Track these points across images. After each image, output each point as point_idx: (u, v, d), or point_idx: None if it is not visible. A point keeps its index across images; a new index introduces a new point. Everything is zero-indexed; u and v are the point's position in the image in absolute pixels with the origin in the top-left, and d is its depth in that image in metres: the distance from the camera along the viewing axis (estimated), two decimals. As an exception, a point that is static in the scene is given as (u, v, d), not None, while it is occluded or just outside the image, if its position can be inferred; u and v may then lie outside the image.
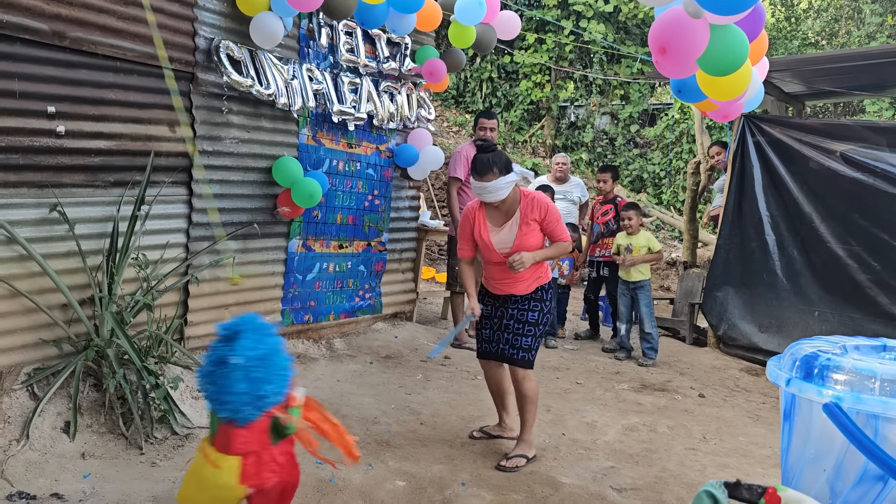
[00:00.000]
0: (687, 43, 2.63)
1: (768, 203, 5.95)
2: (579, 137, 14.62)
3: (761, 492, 1.04)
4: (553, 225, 3.64)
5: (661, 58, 2.71)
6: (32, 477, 3.00)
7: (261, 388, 2.28)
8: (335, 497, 3.08)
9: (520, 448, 3.64)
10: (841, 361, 1.33)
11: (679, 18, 2.63)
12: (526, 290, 3.66)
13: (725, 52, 2.67)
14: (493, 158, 3.50)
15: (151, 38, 3.97)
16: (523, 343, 3.63)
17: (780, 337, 5.86)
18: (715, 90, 3.08)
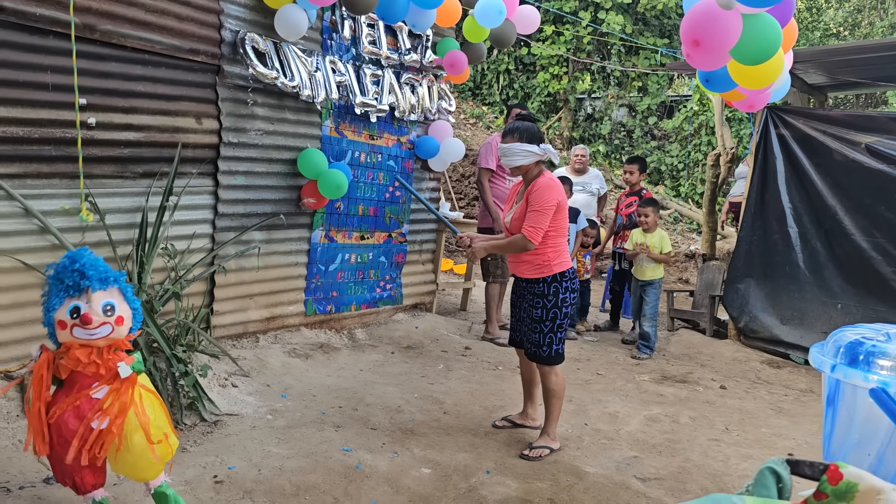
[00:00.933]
0: (720, 34, 2.62)
1: (791, 195, 5.91)
2: (597, 129, 14.56)
3: (823, 468, 1.06)
4: (528, 211, 3.51)
5: (694, 50, 2.70)
6: (67, 461, 3.06)
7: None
8: (362, 483, 3.13)
9: (543, 439, 3.67)
10: (886, 348, 1.34)
11: (711, 10, 2.62)
12: (525, 274, 3.65)
13: (759, 40, 2.66)
14: (519, 125, 3.59)
15: (179, 30, 4.03)
16: (533, 338, 3.65)
17: (803, 329, 5.84)
18: (747, 79, 3.06)
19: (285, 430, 3.62)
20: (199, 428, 3.53)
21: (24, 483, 2.82)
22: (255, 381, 4.20)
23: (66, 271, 2.38)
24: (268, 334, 4.88)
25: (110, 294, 2.43)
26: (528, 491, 3.19)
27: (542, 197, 3.51)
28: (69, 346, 2.38)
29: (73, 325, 2.34)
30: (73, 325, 2.34)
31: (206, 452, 3.29)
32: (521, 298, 3.74)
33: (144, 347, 3.57)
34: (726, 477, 3.49)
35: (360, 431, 3.71)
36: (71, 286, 2.36)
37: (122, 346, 2.49)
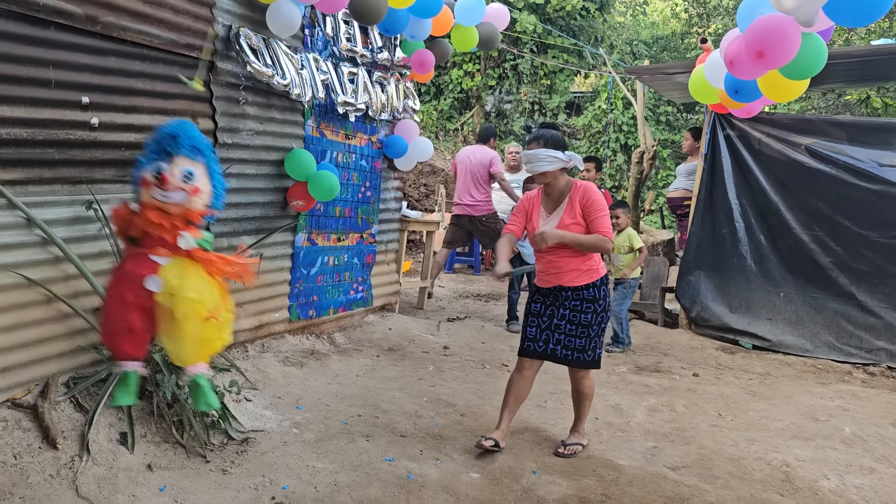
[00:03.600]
0: (785, 49, 2.78)
1: (738, 192, 6.33)
2: (509, 126, 14.87)
3: None
4: (594, 215, 3.54)
5: (756, 62, 2.86)
6: (108, 493, 2.82)
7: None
8: (421, 493, 3.09)
9: (575, 437, 3.76)
10: None
11: (784, 25, 2.78)
12: (573, 283, 3.60)
13: (810, 58, 2.85)
14: (545, 133, 3.61)
15: (176, 24, 3.78)
16: (577, 344, 3.60)
17: (750, 317, 6.28)
18: (778, 92, 3.27)
19: (317, 443, 3.50)
20: (229, 448, 3.35)
21: (86, 521, 2.58)
22: (265, 393, 4.02)
23: (165, 135, 2.54)
24: (255, 343, 4.68)
25: (195, 165, 2.57)
26: (579, 488, 3.26)
27: (599, 200, 3.58)
28: (146, 204, 2.54)
29: (154, 184, 2.50)
30: (153, 184, 2.51)
31: (249, 473, 3.13)
32: (554, 307, 3.65)
33: (163, 365, 3.34)
34: (743, 460, 3.72)
35: (392, 440, 3.65)
36: (163, 149, 2.53)
37: (195, 219, 2.61)
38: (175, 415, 3.35)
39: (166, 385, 3.27)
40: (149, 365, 3.39)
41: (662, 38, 17.13)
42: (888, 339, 5.76)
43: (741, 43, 2.93)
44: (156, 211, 2.53)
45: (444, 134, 14.38)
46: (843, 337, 5.92)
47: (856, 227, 5.83)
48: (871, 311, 5.83)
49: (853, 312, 5.90)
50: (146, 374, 2.71)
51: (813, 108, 13.00)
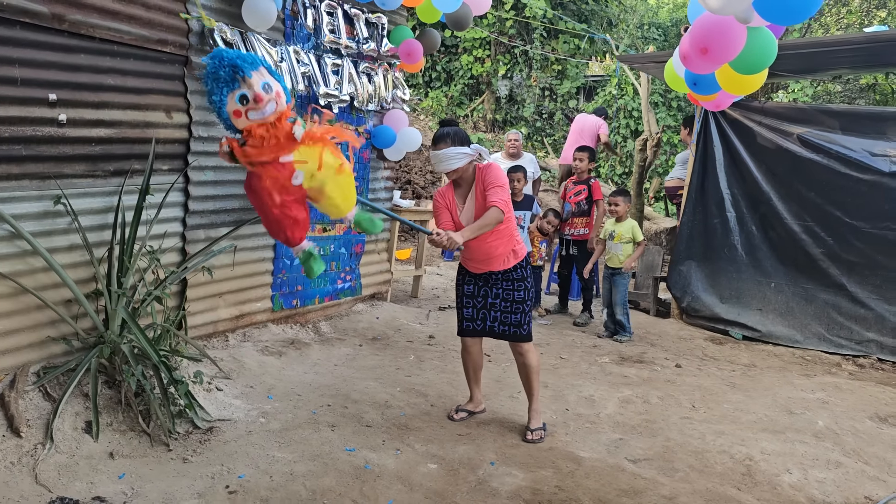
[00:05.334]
0: (728, 45, 2.77)
1: (729, 182, 6.28)
2: (518, 112, 14.80)
3: None
4: (488, 190, 3.65)
5: (701, 58, 2.85)
6: (67, 481, 2.92)
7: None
8: (375, 483, 3.15)
9: (535, 419, 3.84)
10: None
11: (725, 22, 2.76)
12: (504, 266, 3.76)
13: (759, 53, 2.83)
14: (449, 131, 3.70)
15: (147, 20, 3.84)
16: (513, 320, 3.79)
17: (740, 307, 6.25)
18: (735, 86, 3.25)
19: (282, 433, 3.58)
20: (194, 436, 3.44)
21: (37, 508, 2.69)
22: (237, 382, 4.11)
23: (220, 68, 2.66)
24: (236, 332, 4.77)
25: (262, 74, 2.71)
26: (535, 479, 3.30)
27: (497, 174, 3.67)
28: (248, 129, 2.72)
29: (247, 109, 2.68)
30: (246, 109, 2.68)
31: (209, 462, 3.22)
32: (487, 287, 3.81)
33: (129, 355, 3.43)
34: (707, 453, 3.73)
35: (357, 430, 3.71)
36: (229, 79, 2.66)
37: (289, 114, 2.80)
38: (143, 404, 3.44)
39: (131, 376, 3.35)
40: (117, 356, 3.50)
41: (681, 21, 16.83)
42: (878, 330, 5.70)
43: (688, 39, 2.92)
44: (262, 128, 2.70)
45: (453, 120, 14.36)
46: (833, 328, 5.86)
47: (847, 218, 5.76)
48: (862, 303, 5.77)
49: (844, 303, 5.84)
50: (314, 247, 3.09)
51: (828, 92, 12.76)
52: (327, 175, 2.86)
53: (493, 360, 5.18)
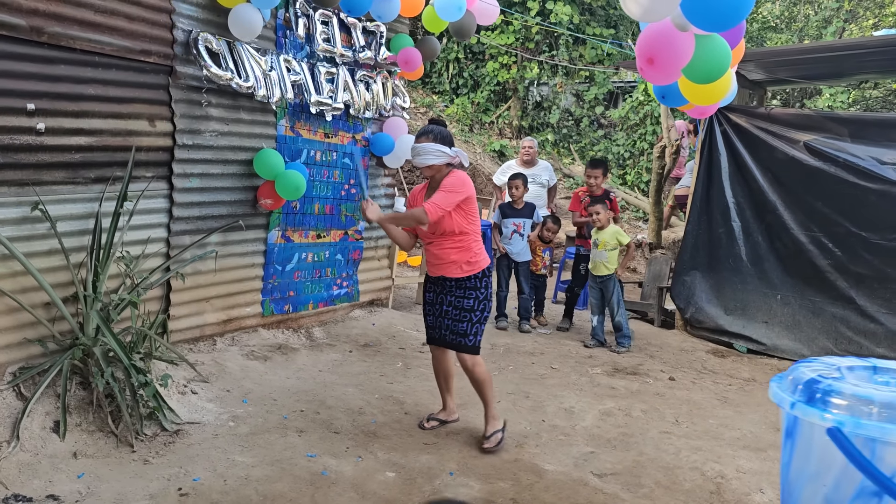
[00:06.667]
0: (674, 54, 2.72)
1: (735, 190, 6.14)
2: (545, 118, 14.72)
3: None
4: (439, 191, 3.64)
5: (648, 67, 2.80)
6: (26, 479, 3.01)
7: None
8: (329, 490, 3.16)
9: (491, 424, 3.80)
10: (841, 387, 1.45)
11: (666, 30, 2.72)
12: (455, 274, 3.75)
13: (710, 61, 2.77)
14: (433, 128, 3.76)
15: (129, 31, 3.94)
16: (460, 328, 3.76)
17: (745, 319, 6.09)
18: (697, 95, 3.19)
19: (248, 437, 3.63)
20: (160, 438, 3.51)
21: (-15, 505, 2.77)
22: (215, 386, 4.18)
23: None
24: (225, 336, 4.85)
25: None
26: (490, 492, 3.28)
27: (453, 182, 3.66)
28: None
29: None
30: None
31: (169, 464, 3.28)
32: (443, 295, 3.81)
33: (101, 358, 3.52)
34: (678, 469, 3.65)
35: (324, 436, 3.74)
36: None
37: None
38: (113, 405, 3.52)
39: (100, 378, 3.44)
40: (91, 358, 3.60)
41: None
42: (889, 346, 5.49)
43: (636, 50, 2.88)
44: None
45: (479, 127, 14.34)
46: (841, 343, 5.67)
47: (855, 229, 5.57)
48: (871, 317, 5.57)
49: (852, 317, 5.65)
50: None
51: (864, 98, 12.37)
52: None
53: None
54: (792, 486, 1.51)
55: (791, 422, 1.52)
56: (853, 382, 1.45)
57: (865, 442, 1.35)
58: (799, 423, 1.48)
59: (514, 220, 6.42)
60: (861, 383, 1.45)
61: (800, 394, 1.51)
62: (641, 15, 2.60)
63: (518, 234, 6.41)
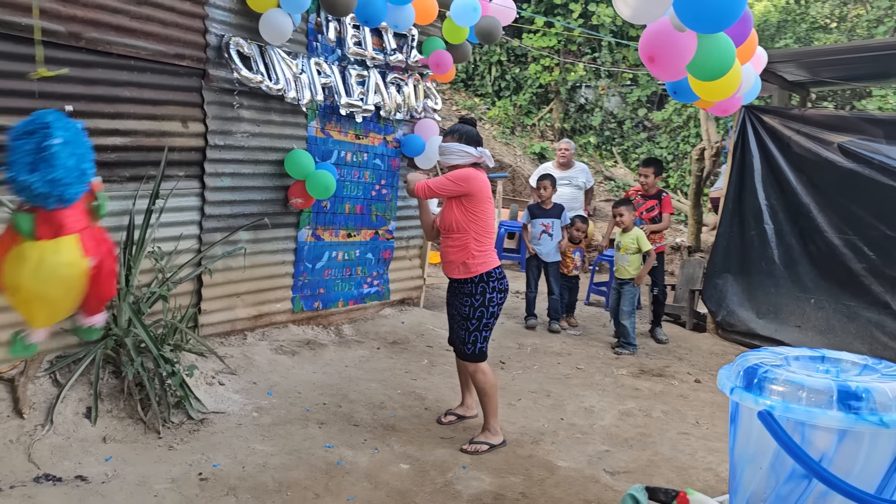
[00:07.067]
0: (674, 52, 2.74)
1: (767, 193, 6.05)
2: (587, 121, 14.64)
3: (674, 495, 1.22)
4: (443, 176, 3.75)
5: (650, 65, 2.83)
6: (57, 460, 3.18)
7: (84, 162, 2.48)
8: (342, 479, 3.26)
9: (483, 435, 3.77)
10: (777, 374, 1.47)
11: (666, 28, 2.74)
12: (453, 274, 3.76)
13: (712, 58, 2.78)
14: (460, 128, 3.80)
15: (164, 36, 4.12)
16: (460, 335, 3.76)
17: (777, 323, 6.00)
18: (706, 92, 3.19)
19: (270, 427, 3.75)
20: (186, 426, 3.66)
21: (15, 482, 2.95)
22: (242, 378, 4.32)
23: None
24: (255, 331, 5.00)
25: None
26: (501, 485, 3.33)
27: (458, 173, 3.69)
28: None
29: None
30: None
31: (192, 450, 3.42)
32: (453, 297, 3.83)
33: (132, 348, 3.69)
34: (692, 470, 3.64)
35: (343, 428, 3.84)
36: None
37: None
38: (143, 393, 3.69)
39: (130, 366, 3.61)
40: (123, 348, 3.77)
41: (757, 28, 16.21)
42: (926, 352, 5.34)
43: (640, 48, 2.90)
44: None
45: (520, 129, 14.36)
46: (876, 349, 5.53)
47: (891, 232, 5.43)
48: (908, 322, 5.43)
49: (888, 323, 5.51)
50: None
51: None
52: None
53: (506, 368, 5.20)
54: (735, 468, 1.53)
55: (734, 407, 1.55)
56: (791, 370, 1.47)
57: (795, 426, 1.37)
58: (740, 409, 1.51)
59: (543, 221, 6.44)
60: (797, 370, 1.47)
61: (740, 379, 1.54)
62: (631, 16, 2.62)
63: (547, 235, 6.43)
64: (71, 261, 2.46)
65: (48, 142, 2.38)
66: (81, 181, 2.46)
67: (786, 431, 1.35)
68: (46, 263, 2.43)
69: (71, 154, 2.42)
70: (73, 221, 2.47)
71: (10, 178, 2.40)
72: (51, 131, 2.40)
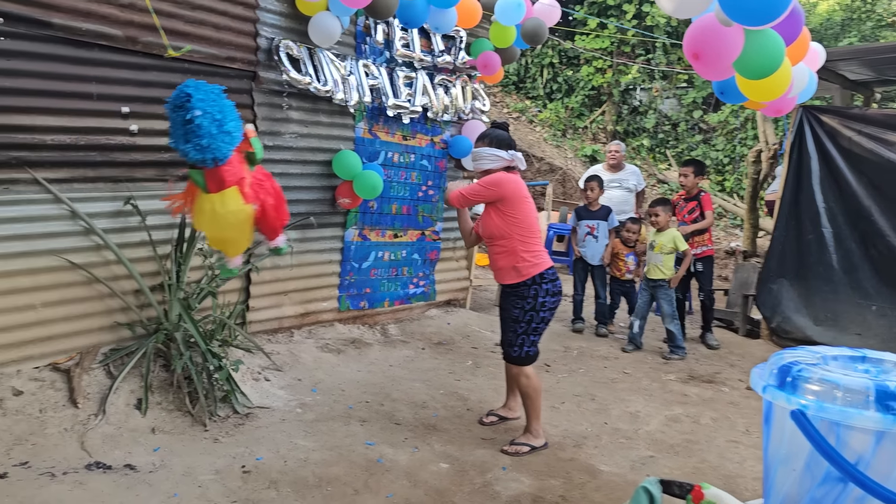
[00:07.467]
0: (720, 49, 2.66)
1: (826, 195, 5.84)
2: (641, 123, 14.43)
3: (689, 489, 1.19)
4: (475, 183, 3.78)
5: (695, 63, 2.76)
6: (108, 448, 3.29)
7: (225, 125, 3.02)
8: (382, 477, 3.28)
9: (525, 437, 3.74)
10: (811, 372, 1.41)
11: (712, 25, 2.67)
12: (506, 280, 3.71)
13: (761, 56, 2.69)
14: (491, 132, 3.80)
15: (216, 39, 4.22)
16: (507, 338, 3.73)
17: (836, 331, 5.78)
18: (754, 91, 3.10)
19: (313, 423, 3.80)
20: (231, 420, 3.73)
21: (68, 469, 3.05)
22: (287, 375, 4.39)
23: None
24: (302, 329, 5.08)
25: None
26: (540, 488, 3.30)
27: (489, 178, 3.69)
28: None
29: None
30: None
31: (236, 444, 3.49)
32: (505, 300, 3.80)
33: (181, 343, 3.78)
34: (739, 479, 3.54)
35: (385, 426, 3.86)
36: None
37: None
38: (191, 387, 3.79)
39: (179, 360, 3.71)
40: (173, 343, 3.88)
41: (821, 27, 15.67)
42: None
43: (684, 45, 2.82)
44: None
45: (572, 131, 14.24)
46: (943, 359, 5.28)
47: (958, 237, 5.19)
48: (978, 333, 5.17)
49: (956, 332, 5.26)
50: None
51: None
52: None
53: (551, 371, 5.15)
54: (768, 469, 1.47)
55: (767, 407, 1.48)
56: (827, 369, 1.40)
57: (830, 426, 1.31)
58: (773, 408, 1.45)
59: (588, 223, 6.36)
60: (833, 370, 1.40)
61: (773, 378, 1.47)
62: (674, 10, 2.56)
63: (592, 237, 6.34)
64: (235, 209, 3.13)
65: (190, 114, 2.92)
66: (228, 142, 3.02)
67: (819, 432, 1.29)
68: (217, 213, 3.12)
69: (212, 121, 2.96)
70: (230, 175, 3.09)
71: (174, 147, 3.05)
72: (192, 104, 2.92)
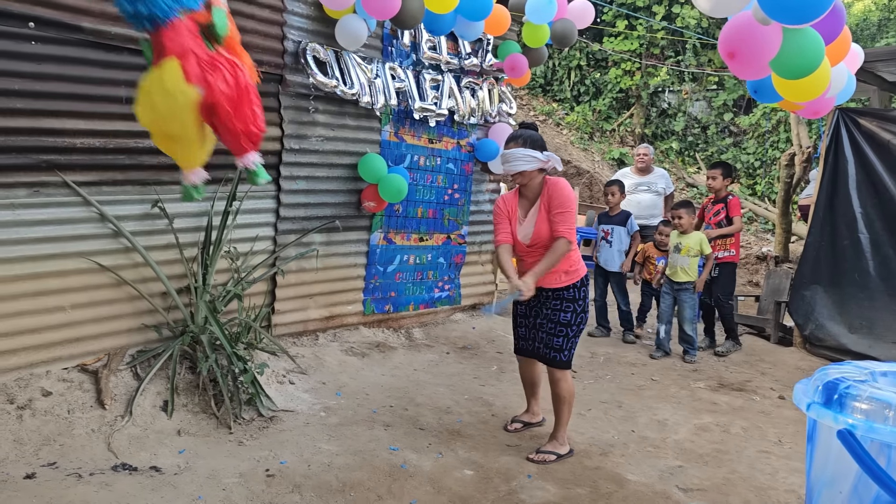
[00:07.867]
0: (756, 48, 2.59)
1: (862, 200, 5.70)
2: (670, 126, 14.26)
3: None
4: (554, 213, 3.51)
5: (730, 62, 2.69)
6: (134, 450, 3.30)
7: None
8: (405, 483, 3.25)
9: (551, 445, 3.67)
10: (860, 390, 1.34)
11: (748, 23, 2.59)
12: (556, 284, 3.61)
13: (798, 55, 2.61)
14: (523, 132, 3.64)
15: (244, 43, 4.19)
16: (555, 343, 3.62)
17: (872, 339, 5.63)
18: (791, 92, 3.01)
19: (337, 427, 3.79)
20: (255, 423, 3.73)
21: (94, 470, 3.07)
22: (312, 378, 4.38)
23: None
24: (327, 332, 5.07)
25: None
26: (566, 497, 3.24)
27: (565, 196, 3.54)
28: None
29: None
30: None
31: (260, 447, 3.48)
32: (538, 307, 3.69)
33: (207, 345, 3.79)
34: (771, 491, 3.44)
35: (409, 431, 3.83)
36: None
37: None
38: (217, 389, 3.80)
39: (205, 363, 3.71)
40: (199, 345, 3.89)
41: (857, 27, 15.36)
42: None
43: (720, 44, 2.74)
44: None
45: (599, 134, 14.11)
46: (984, 369, 5.11)
47: None
48: None
49: None
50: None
51: None
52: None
53: (577, 377, 5.08)
54: (812, 491, 1.41)
55: (811, 425, 1.42)
56: (877, 386, 1.33)
57: (881, 447, 1.24)
58: (818, 427, 1.38)
59: (604, 227, 6.26)
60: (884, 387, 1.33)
61: (818, 395, 1.41)
62: (711, 9, 2.49)
63: (606, 242, 6.23)
64: (171, 88, 2.28)
65: None
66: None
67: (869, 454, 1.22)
68: (152, 94, 2.32)
69: None
70: (172, 42, 2.29)
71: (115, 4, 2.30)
72: None
